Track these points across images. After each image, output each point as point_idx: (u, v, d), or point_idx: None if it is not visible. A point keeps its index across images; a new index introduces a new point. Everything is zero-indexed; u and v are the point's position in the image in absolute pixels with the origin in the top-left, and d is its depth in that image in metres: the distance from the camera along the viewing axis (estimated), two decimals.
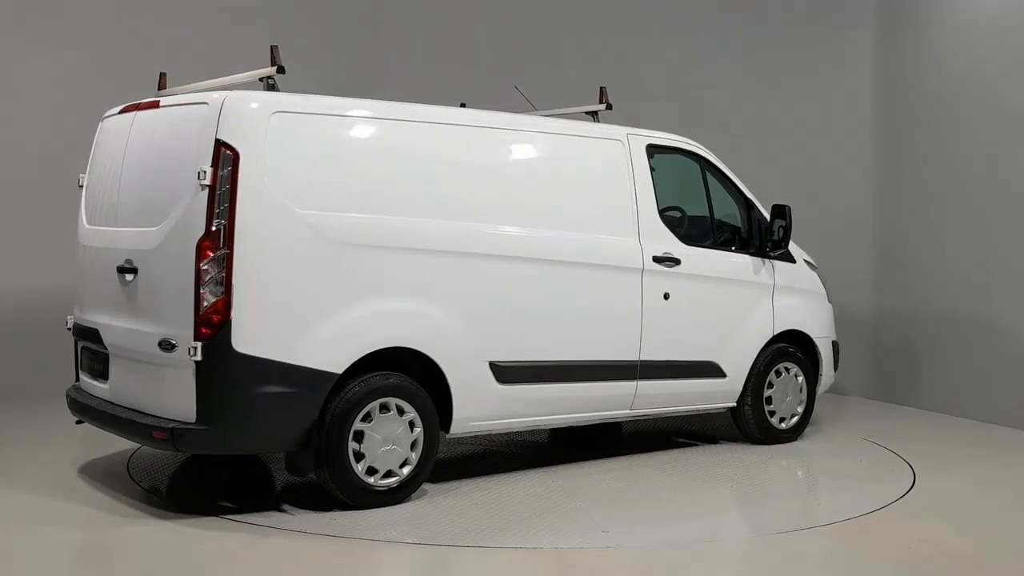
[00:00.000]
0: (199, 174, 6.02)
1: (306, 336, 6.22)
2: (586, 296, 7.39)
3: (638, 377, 7.66)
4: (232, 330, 6.00)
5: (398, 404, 6.54)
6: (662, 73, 11.19)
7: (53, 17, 9.40)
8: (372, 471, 6.45)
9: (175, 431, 6.08)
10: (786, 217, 8.36)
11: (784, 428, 8.62)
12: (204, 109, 6.20)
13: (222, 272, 5.99)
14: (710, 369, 8.13)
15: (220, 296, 5.99)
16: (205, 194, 6.01)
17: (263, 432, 6.24)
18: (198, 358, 5.99)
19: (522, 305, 7.09)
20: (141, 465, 7.39)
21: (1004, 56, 9.50)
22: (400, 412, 6.55)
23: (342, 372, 6.33)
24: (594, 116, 8.16)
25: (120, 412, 6.50)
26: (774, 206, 8.43)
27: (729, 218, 8.55)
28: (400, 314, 6.57)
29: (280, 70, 6.40)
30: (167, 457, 7.49)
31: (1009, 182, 9.45)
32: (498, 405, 7.03)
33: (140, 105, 6.80)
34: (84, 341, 7.04)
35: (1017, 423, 9.34)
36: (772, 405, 8.52)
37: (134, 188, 6.61)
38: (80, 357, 7.19)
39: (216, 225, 5.99)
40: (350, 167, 6.47)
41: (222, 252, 5.98)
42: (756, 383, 8.39)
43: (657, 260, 7.73)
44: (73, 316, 7.19)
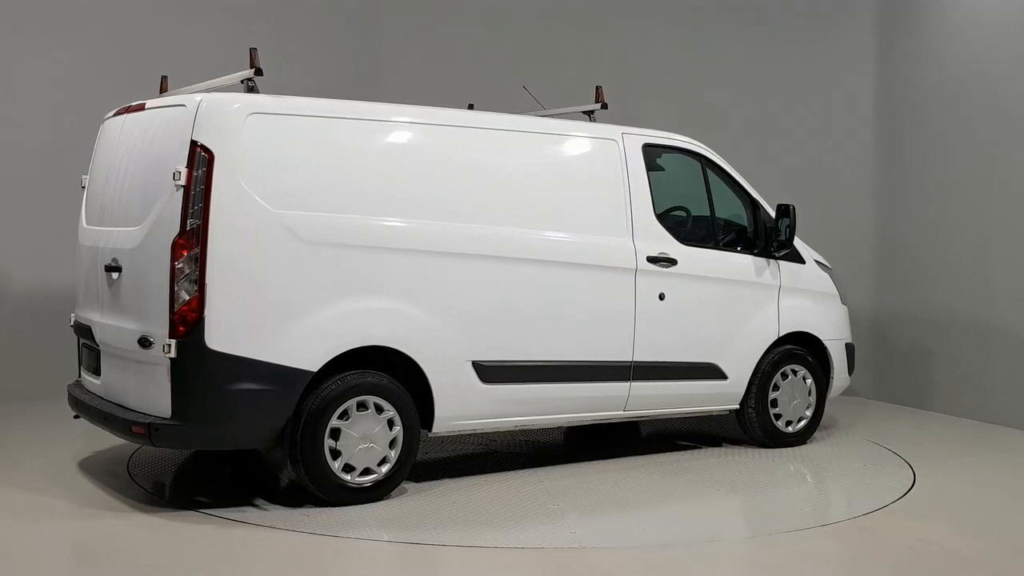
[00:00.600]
0: (174, 174, 6.15)
1: (280, 334, 6.30)
2: (575, 296, 7.34)
3: (631, 378, 7.60)
4: (205, 328, 6.11)
5: (376, 402, 6.59)
6: (662, 73, 11.19)
7: (58, 17, 9.51)
8: (349, 468, 6.51)
9: (151, 426, 6.21)
10: (790, 217, 8.22)
11: (791, 432, 8.46)
12: (182, 111, 6.33)
13: (196, 271, 6.10)
14: (710, 371, 8.02)
15: (194, 294, 6.10)
16: (180, 194, 6.13)
17: (237, 429, 6.34)
18: (172, 355, 6.11)
19: (507, 305, 7.08)
20: (142, 463, 7.52)
21: (1004, 56, 9.47)
22: (379, 410, 6.60)
23: (317, 370, 6.39)
24: (590, 116, 8.13)
25: (107, 407, 6.66)
26: (779, 205, 8.29)
27: (736, 218, 8.44)
28: (377, 313, 6.62)
29: (258, 72, 6.49)
30: (168, 455, 7.64)
31: (1009, 182, 9.43)
32: (482, 405, 7.04)
33: (130, 108, 6.97)
34: (82, 338, 7.23)
35: (1017, 423, 9.33)
36: (778, 408, 8.38)
37: (121, 189, 6.77)
38: (80, 354, 7.39)
39: (190, 224, 6.11)
40: (327, 167, 6.54)
41: (196, 251, 6.10)
42: (760, 386, 8.26)
43: (652, 260, 7.65)
44: (74, 314, 7.39)
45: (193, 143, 6.15)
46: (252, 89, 6.54)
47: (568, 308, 7.32)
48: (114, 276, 6.64)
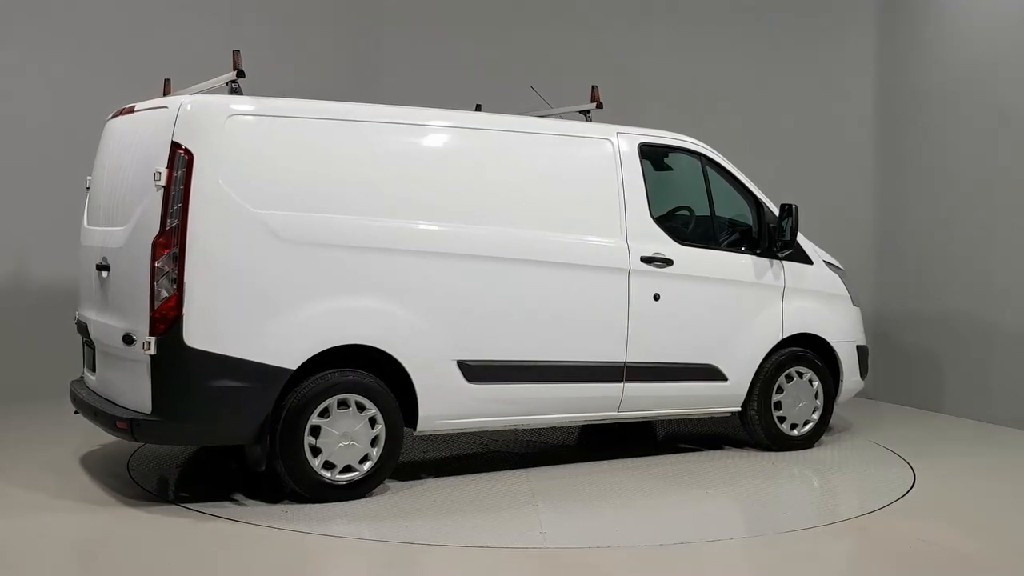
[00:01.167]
0: (155, 175, 6.27)
1: (259, 332, 6.38)
2: (565, 296, 7.31)
3: (624, 379, 7.55)
4: (184, 325, 6.22)
5: (358, 401, 6.64)
6: (662, 73, 11.14)
7: (61, 18, 9.62)
8: (330, 466, 6.57)
9: (133, 422, 6.34)
10: (792, 216, 8.09)
11: (796, 435, 8.32)
12: (165, 113, 6.46)
13: (175, 269, 6.21)
14: (709, 372, 7.93)
15: (173, 292, 6.21)
16: (160, 194, 6.26)
17: (217, 425, 6.43)
18: (152, 352, 6.23)
19: (494, 304, 7.08)
20: (143, 460, 7.63)
21: (1004, 55, 9.43)
22: (360, 408, 6.65)
23: (296, 368, 6.46)
24: (586, 115, 8.09)
25: (98, 403, 6.81)
26: (781, 205, 8.17)
27: (742, 218, 8.33)
28: (357, 312, 6.66)
29: (240, 74, 6.58)
30: (169, 455, 7.77)
31: (1009, 182, 9.40)
32: (468, 404, 7.05)
33: (124, 110, 7.12)
34: (82, 336, 7.40)
35: (1017, 423, 9.30)
36: (782, 411, 8.25)
37: (112, 190, 6.92)
38: (83, 351, 7.56)
39: (170, 224, 6.22)
40: (307, 168, 6.59)
41: (175, 250, 6.21)
42: (763, 388, 8.14)
43: (646, 260, 7.59)
44: (76, 312, 7.56)
45: (174, 144, 6.27)
46: (236, 91, 6.64)
47: (557, 308, 7.30)
48: (104, 275, 6.80)
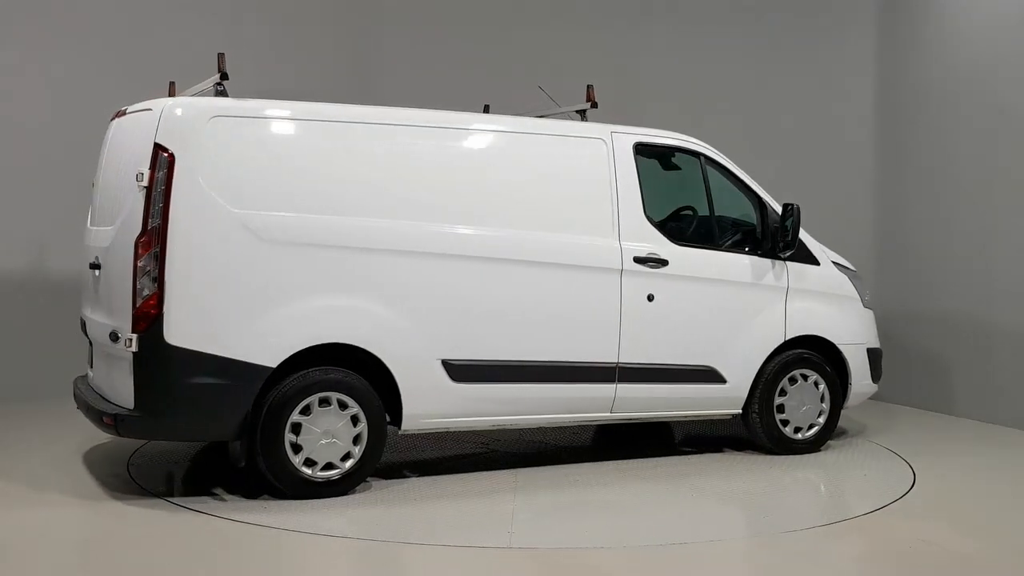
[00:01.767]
0: (137, 176, 6.41)
1: (239, 331, 6.48)
2: (554, 296, 7.29)
3: (617, 380, 7.50)
4: (164, 323, 6.35)
5: (340, 399, 6.70)
6: (662, 73, 11.06)
7: (66, 18, 9.75)
8: (311, 463, 6.64)
9: (117, 417, 6.49)
10: (793, 216, 7.96)
11: (800, 439, 8.18)
12: (149, 115, 6.60)
13: (156, 268, 6.34)
14: (707, 374, 7.84)
15: (153, 291, 6.34)
16: (143, 195, 6.40)
17: (197, 421, 6.55)
18: (134, 349, 6.37)
19: (479, 304, 7.09)
20: (144, 458, 7.75)
21: (1005, 55, 9.34)
22: (342, 406, 6.71)
23: (276, 366, 6.54)
24: (582, 115, 8.06)
25: (92, 399, 6.97)
26: (783, 205, 8.05)
27: (746, 218, 8.22)
28: (337, 311, 6.72)
29: (224, 76, 6.70)
30: (171, 452, 7.92)
31: (1010, 182, 9.32)
32: (454, 403, 7.07)
33: (119, 112, 7.29)
34: (84, 333, 7.59)
35: (1018, 423, 9.29)
36: (785, 414, 8.13)
37: (105, 190, 7.11)
38: (88, 349, 7.75)
39: (151, 224, 6.36)
40: (289, 168, 6.67)
41: (156, 249, 6.34)
42: (765, 390, 8.02)
43: (639, 261, 7.54)
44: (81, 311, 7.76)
45: (156, 146, 6.40)
46: (221, 93, 6.76)
47: (546, 308, 7.28)
48: (96, 274, 6.96)
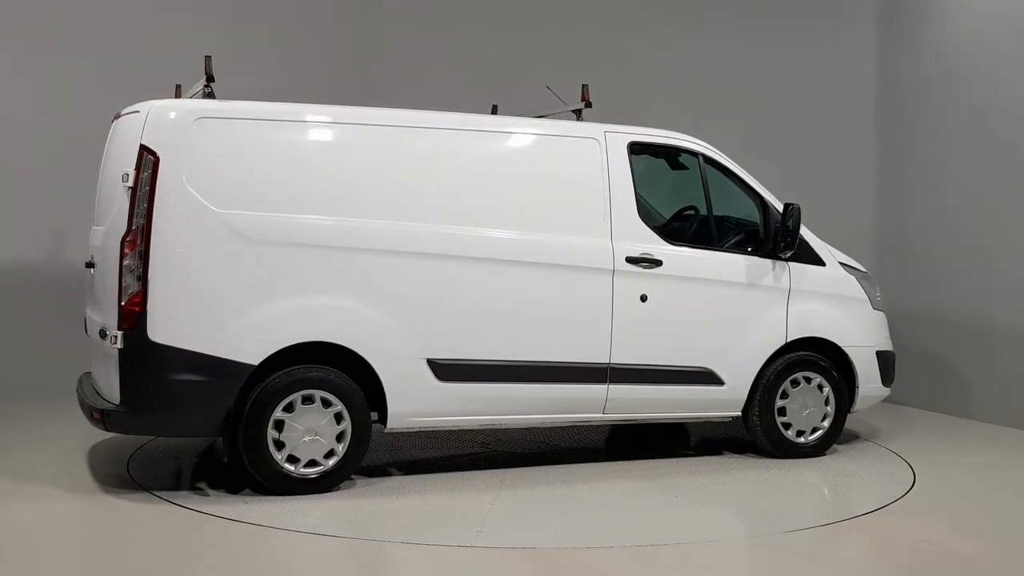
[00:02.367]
0: (123, 176, 6.56)
1: (222, 329, 6.58)
2: (543, 296, 7.28)
3: (608, 381, 7.46)
4: (148, 321, 6.47)
5: (323, 396, 6.77)
6: (662, 73, 10.96)
7: (70, 19, 9.85)
8: (294, 459, 6.72)
9: (104, 412, 6.64)
10: (794, 216, 7.83)
11: (802, 443, 8.04)
12: (137, 117, 6.74)
13: (141, 267, 6.48)
14: (704, 376, 7.75)
15: (138, 289, 6.48)
16: (128, 195, 6.54)
17: (179, 417, 6.67)
18: (119, 346, 6.51)
19: (465, 304, 7.10)
20: (145, 457, 7.84)
21: (1005, 54, 9.28)
22: (326, 404, 6.78)
23: (258, 364, 6.63)
24: (577, 114, 8.02)
25: (88, 395, 7.13)
26: (784, 205, 7.92)
27: (750, 218, 8.11)
28: (320, 310, 6.79)
29: (210, 79, 6.82)
30: (170, 451, 8.05)
31: (1010, 182, 9.23)
32: (439, 402, 7.09)
33: (116, 115, 7.45)
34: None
35: (1017, 423, 9.30)
36: (787, 416, 8.00)
37: (102, 191, 7.28)
38: None
39: (136, 223, 6.50)
40: (273, 169, 6.76)
41: (141, 248, 6.48)
42: (765, 393, 7.91)
43: (632, 261, 7.48)
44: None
45: (142, 147, 6.54)
46: (209, 95, 6.88)
47: (535, 308, 7.27)
48: (91, 272, 7.14)
